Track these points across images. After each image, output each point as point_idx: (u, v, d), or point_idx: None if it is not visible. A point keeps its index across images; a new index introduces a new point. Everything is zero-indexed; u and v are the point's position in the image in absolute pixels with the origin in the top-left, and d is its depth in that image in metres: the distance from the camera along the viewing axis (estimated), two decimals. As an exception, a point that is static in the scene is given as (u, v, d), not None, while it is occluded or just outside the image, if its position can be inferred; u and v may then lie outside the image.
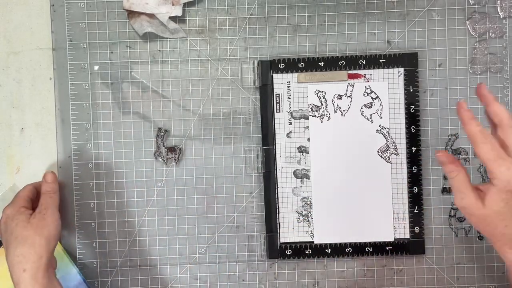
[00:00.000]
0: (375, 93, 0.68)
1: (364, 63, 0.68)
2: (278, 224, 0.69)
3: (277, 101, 0.68)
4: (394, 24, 0.69)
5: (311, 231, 0.69)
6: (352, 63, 0.68)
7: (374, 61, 0.68)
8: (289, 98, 0.68)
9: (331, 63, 0.68)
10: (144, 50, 0.69)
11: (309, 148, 0.68)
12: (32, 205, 0.64)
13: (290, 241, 0.69)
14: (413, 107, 0.68)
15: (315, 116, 0.68)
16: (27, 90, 0.69)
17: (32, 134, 0.69)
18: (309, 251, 0.68)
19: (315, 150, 0.68)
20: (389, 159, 0.68)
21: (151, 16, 0.67)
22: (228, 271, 0.69)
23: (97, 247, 0.68)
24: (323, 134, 0.68)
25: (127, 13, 0.67)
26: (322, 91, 0.68)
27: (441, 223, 0.69)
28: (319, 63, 0.68)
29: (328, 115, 0.68)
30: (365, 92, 0.68)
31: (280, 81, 0.68)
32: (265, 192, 0.68)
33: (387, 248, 0.68)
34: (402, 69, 0.68)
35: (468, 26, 0.68)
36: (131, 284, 0.69)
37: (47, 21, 0.69)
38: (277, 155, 0.68)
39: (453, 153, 0.69)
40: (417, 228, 0.68)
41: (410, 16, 0.68)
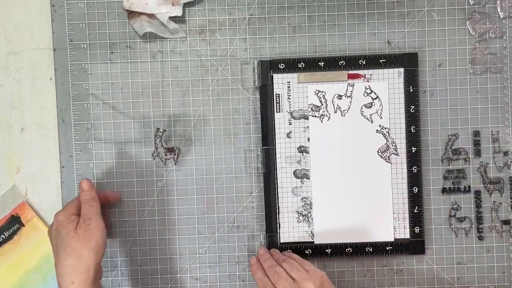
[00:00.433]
0: (375, 93, 0.68)
1: (364, 63, 0.68)
2: (278, 224, 0.69)
3: (277, 101, 0.68)
4: (394, 24, 0.68)
5: (311, 231, 0.69)
6: (352, 63, 0.68)
7: (374, 61, 0.68)
8: (289, 98, 0.68)
9: (331, 63, 0.68)
10: (144, 50, 0.69)
11: (309, 148, 0.68)
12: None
13: (290, 241, 0.69)
14: (413, 107, 0.68)
15: (315, 116, 0.68)
16: (27, 90, 0.69)
17: (32, 134, 0.69)
18: (309, 251, 0.68)
19: (315, 150, 0.68)
20: (389, 159, 0.68)
21: (151, 16, 0.67)
22: (228, 271, 0.69)
23: (98, 247, 0.69)
24: (323, 134, 0.68)
25: (127, 13, 0.67)
26: (322, 91, 0.68)
27: (441, 223, 0.69)
28: (319, 63, 0.68)
29: (328, 115, 0.68)
30: (365, 92, 0.68)
31: (280, 81, 0.68)
32: (265, 192, 0.68)
33: (387, 248, 0.68)
34: (402, 69, 0.68)
35: (468, 26, 0.68)
36: (131, 284, 0.69)
37: (47, 21, 0.69)
38: (277, 155, 0.68)
39: (453, 153, 0.68)
40: (417, 228, 0.68)
41: (410, 16, 0.68)
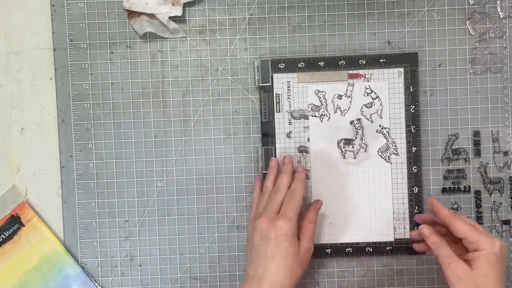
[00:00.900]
0: (375, 93, 0.68)
1: (364, 63, 0.68)
2: (278, 224, 0.69)
3: (277, 101, 0.68)
4: (394, 24, 0.68)
5: (311, 231, 0.69)
6: (352, 63, 0.68)
7: (374, 61, 0.68)
8: (289, 98, 0.68)
9: (331, 63, 0.68)
10: (144, 50, 0.69)
11: (309, 148, 0.68)
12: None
13: (290, 241, 0.69)
14: (413, 107, 0.68)
15: (315, 116, 0.68)
16: (27, 90, 0.69)
17: (32, 134, 0.69)
18: (309, 251, 0.68)
19: (315, 150, 0.68)
20: (389, 159, 0.68)
21: (151, 16, 0.67)
22: (228, 271, 0.69)
23: (98, 246, 0.69)
24: (323, 134, 0.68)
25: (127, 13, 0.67)
26: (322, 91, 0.68)
27: (441, 223, 0.69)
28: (319, 63, 0.68)
29: (328, 115, 0.68)
30: (365, 92, 0.68)
31: (280, 81, 0.68)
32: (265, 192, 0.68)
33: (387, 248, 0.68)
34: (402, 69, 0.68)
35: (468, 26, 0.68)
36: (131, 284, 0.69)
37: (47, 21, 0.69)
38: (277, 155, 0.68)
39: (453, 153, 0.69)
40: (417, 228, 0.68)
41: (410, 16, 0.68)
